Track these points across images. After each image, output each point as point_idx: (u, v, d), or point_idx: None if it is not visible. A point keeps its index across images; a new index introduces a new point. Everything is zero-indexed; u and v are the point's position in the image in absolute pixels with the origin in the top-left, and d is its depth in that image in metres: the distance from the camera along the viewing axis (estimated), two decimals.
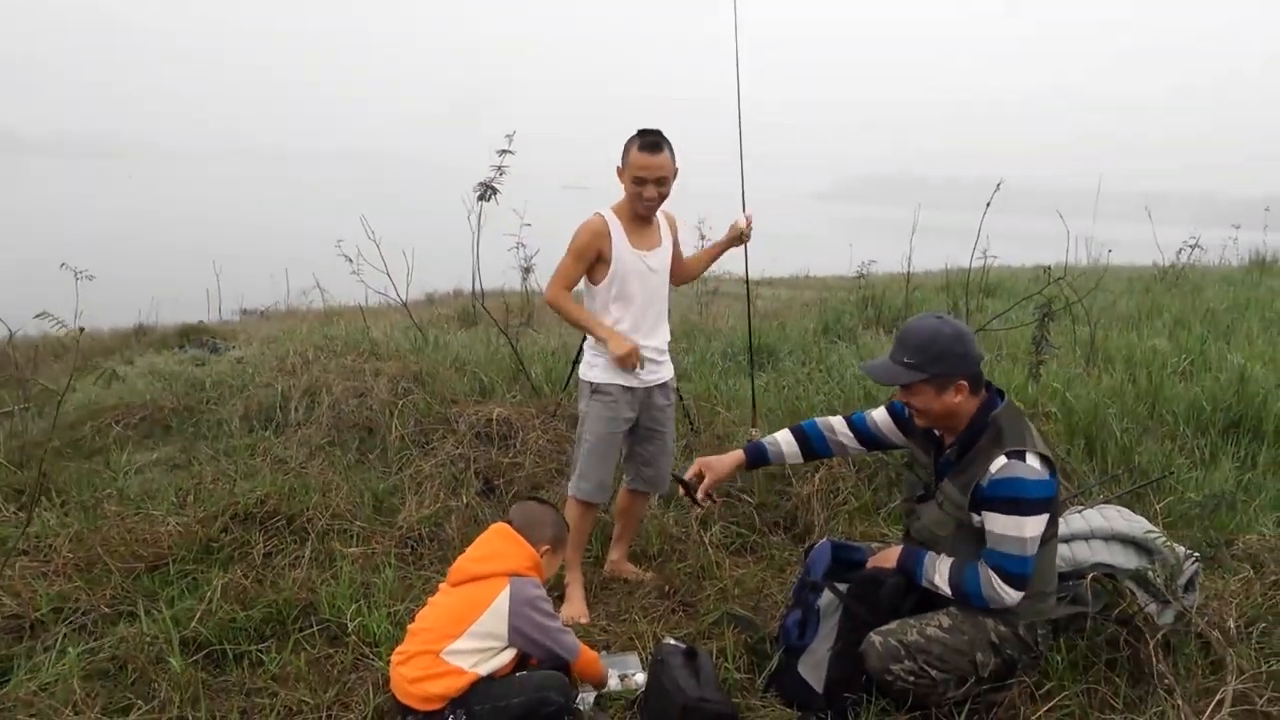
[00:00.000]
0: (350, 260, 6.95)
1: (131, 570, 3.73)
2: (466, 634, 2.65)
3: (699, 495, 3.34)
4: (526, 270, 8.27)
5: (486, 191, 5.64)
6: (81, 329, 2.74)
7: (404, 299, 7.16)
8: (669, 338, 3.91)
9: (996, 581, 2.76)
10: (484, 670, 2.66)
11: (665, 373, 3.88)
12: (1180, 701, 2.73)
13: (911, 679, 2.80)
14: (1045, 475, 2.78)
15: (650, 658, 3.15)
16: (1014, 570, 2.75)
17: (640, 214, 3.68)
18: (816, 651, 3.06)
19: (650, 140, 3.57)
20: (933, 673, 2.80)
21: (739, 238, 3.99)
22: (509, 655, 2.72)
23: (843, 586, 3.05)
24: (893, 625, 2.87)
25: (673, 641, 3.08)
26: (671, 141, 3.65)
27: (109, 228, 28.41)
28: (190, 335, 8.97)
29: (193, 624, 3.31)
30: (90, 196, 51.56)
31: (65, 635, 3.28)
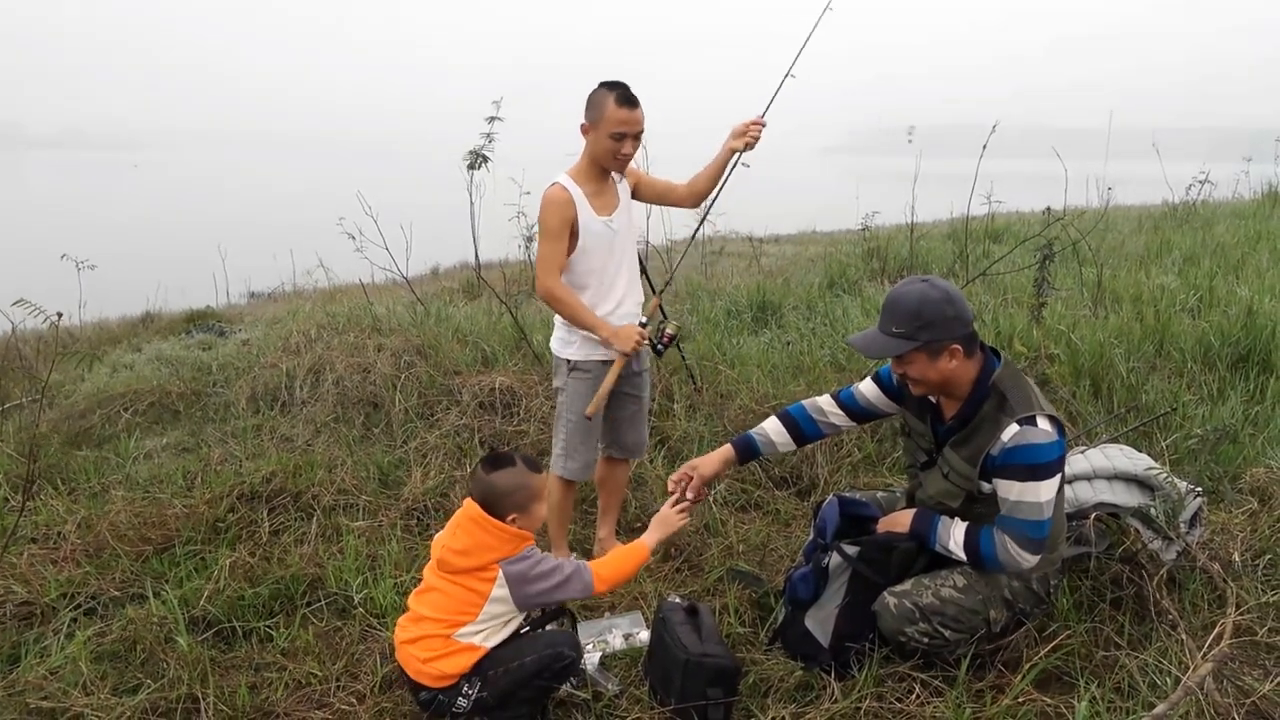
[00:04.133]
0: (354, 238, 6.93)
1: (140, 554, 3.76)
2: (478, 620, 2.65)
3: (689, 494, 3.27)
4: (529, 239, 8.21)
5: (476, 160, 5.60)
6: (60, 314, 2.73)
7: (405, 274, 7.14)
8: (642, 298, 3.74)
9: (1013, 547, 2.71)
10: (496, 641, 2.66)
11: None
12: (1184, 636, 2.72)
13: (926, 640, 2.79)
14: (1056, 436, 2.70)
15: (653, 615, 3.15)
16: (1033, 535, 2.69)
17: (614, 170, 3.53)
18: (825, 606, 3.03)
19: (627, 93, 3.38)
20: (946, 634, 2.78)
21: (740, 143, 3.64)
22: (522, 616, 2.72)
23: (852, 549, 2.99)
24: (906, 585, 2.84)
25: (675, 599, 3.08)
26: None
27: (117, 218, 28.52)
28: (196, 320, 9.04)
29: (201, 603, 3.35)
30: (97, 187, 51.75)
31: (74, 619, 3.33)
